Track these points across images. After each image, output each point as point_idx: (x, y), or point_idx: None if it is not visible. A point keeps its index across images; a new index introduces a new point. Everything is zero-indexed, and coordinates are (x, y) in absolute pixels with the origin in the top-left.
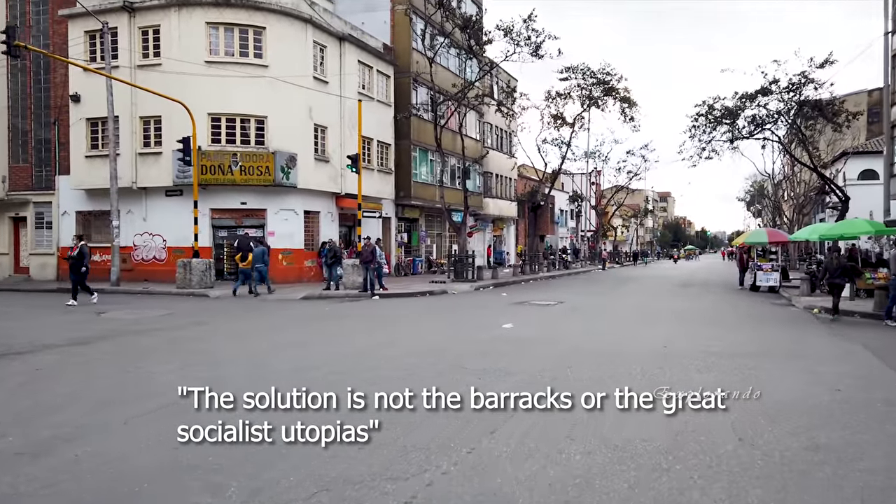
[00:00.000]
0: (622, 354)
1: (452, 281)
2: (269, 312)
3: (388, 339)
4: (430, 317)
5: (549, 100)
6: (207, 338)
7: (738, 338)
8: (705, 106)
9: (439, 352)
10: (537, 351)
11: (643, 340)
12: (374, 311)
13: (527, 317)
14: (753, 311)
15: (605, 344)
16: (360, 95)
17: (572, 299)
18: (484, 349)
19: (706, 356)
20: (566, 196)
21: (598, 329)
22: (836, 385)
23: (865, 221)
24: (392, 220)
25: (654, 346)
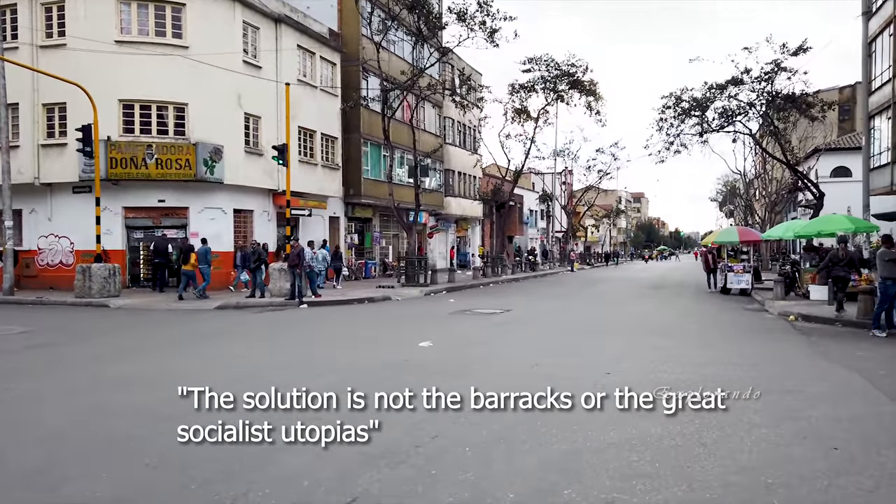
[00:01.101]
0: (543, 393)
1: (403, 285)
2: (159, 327)
3: (250, 368)
4: (342, 331)
5: (512, 93)
6: (19, 369)
7: (702, 357)
8: (673, 98)
9: (311, 378)
10: (429, 387)
11: (583, 365)
12: (282, 324)
13: (457, 331)
14: (723, 319)
15: (529, 375)
16: (301, 83)
17: (523, 306)
18: (365, 382)
19: (655, 388)
20: (536, 196)
21: (535, 347)
22: (830, 436)
23: (844, 217)
24: (341, 220)
25: (596, 373)
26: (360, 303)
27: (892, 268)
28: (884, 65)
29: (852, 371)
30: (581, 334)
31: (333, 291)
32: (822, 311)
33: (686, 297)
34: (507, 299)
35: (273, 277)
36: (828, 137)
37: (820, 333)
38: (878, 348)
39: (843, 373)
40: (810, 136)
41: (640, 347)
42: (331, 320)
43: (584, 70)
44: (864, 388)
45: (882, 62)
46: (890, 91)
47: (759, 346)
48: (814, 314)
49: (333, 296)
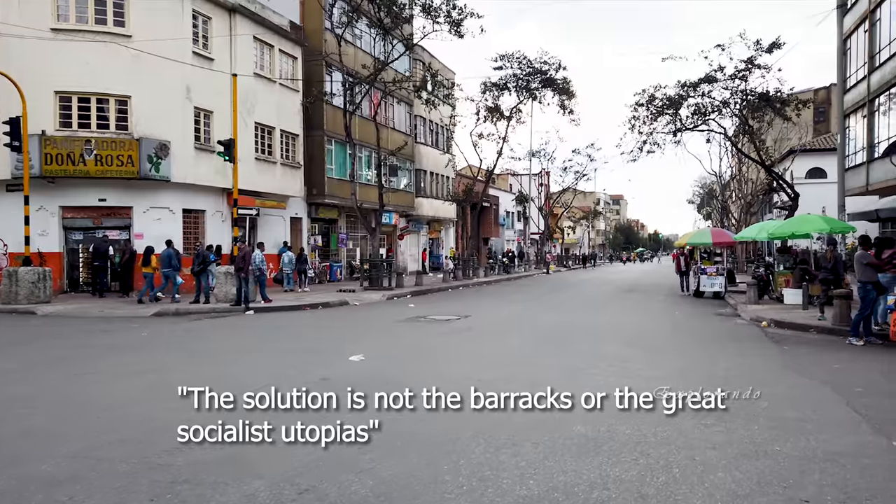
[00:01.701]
0: (472, 432)
1: (365, 289)
2: (74, 337)
3: (134, 391)
4: (274, 342)
5: (485, 91)
6: None
7: (663, 370)
8: (646, 95)
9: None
10: (328, 420)
11: (529, 383)
12: (214, 334)
13: (403, 341)
14: (691, 325)
15: (455, 405)
16: (258, 77)
17: (485, 312)
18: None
19: (595, 422)
20: (512, 197)
21: (481, 361)
22: (799, 483)
23: (819, 217)
24: (303, 221)
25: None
26: (312, 308)
27: (871, 271)
28: (858, 62)
29: (827, 387)
30: (538, 344)
31: (286, 296)
32: (796, 317)
33: (658, 300)
34: (470, 304)
35: (219, 282)
36: (803, 139)
37: (793, 342)
38: (854, 359)
39: (818, 391)
40: (786, 138)
41: (597, 360)
42: (269, 329)
43: (558, 68)
44: (841, 413)
45: (857, 60)
46: (865, 89)
47: (726, 358)
48: (787, 320)
49: (285, 301)
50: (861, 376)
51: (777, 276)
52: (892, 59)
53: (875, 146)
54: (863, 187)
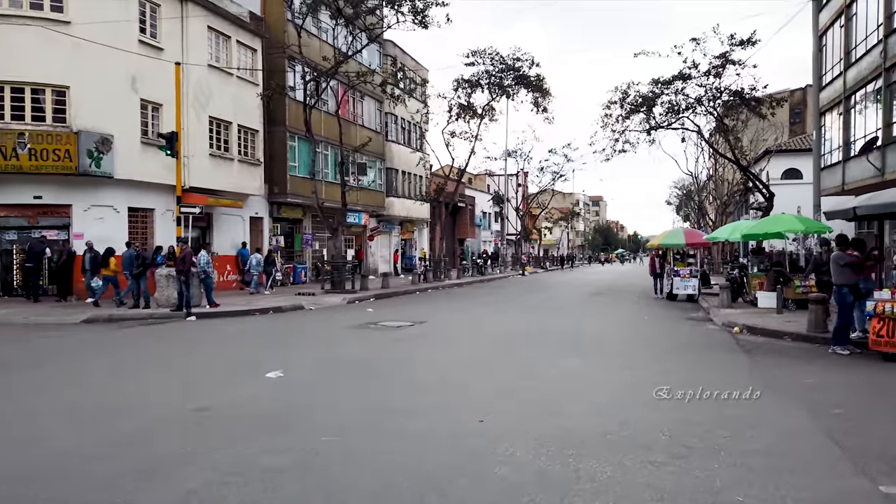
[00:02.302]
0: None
1: (327, 292)
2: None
3: None
4: (199, 354)
5: (457, 88)
6: None
7: (616, 386)
8: (619, 92)
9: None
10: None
11: (458, 405)
12: (135, 344)
13: (340, 353)
14: (659, 331)
15: (368, 430)
16: (213, 69)
17: (442, 318)
18: (90, 456)
19: (529, 448)
20: (489, 198)
21: (415, 378)
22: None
23: (794, 217)
24: (265, 221)
25: (468, 419)
26: (263, 313)
27: (848, 273)
28: (834, 58)
29: (801, 409)
30: (486, 356)
31: (237, 300)
32: (770, 322)
33: (629, 303)
34: (433, 308)
35: (160, 285)
36: (779, 139)
37: (766, 350)
38: (830, 372)
39: (791, 414)
40: (762, 139)
41: (546, 374)
42: (198, 338)
43: (531, 64)
44: (817, 443)
45: (832, 56)
46: (840, 86)
47: (690, 371)
48: (760, 325)
49: (235, 305)
50: (839, 393)
51: (751, 279)
52: (869, 55)
53: (851, 144)
54: (838, 187)
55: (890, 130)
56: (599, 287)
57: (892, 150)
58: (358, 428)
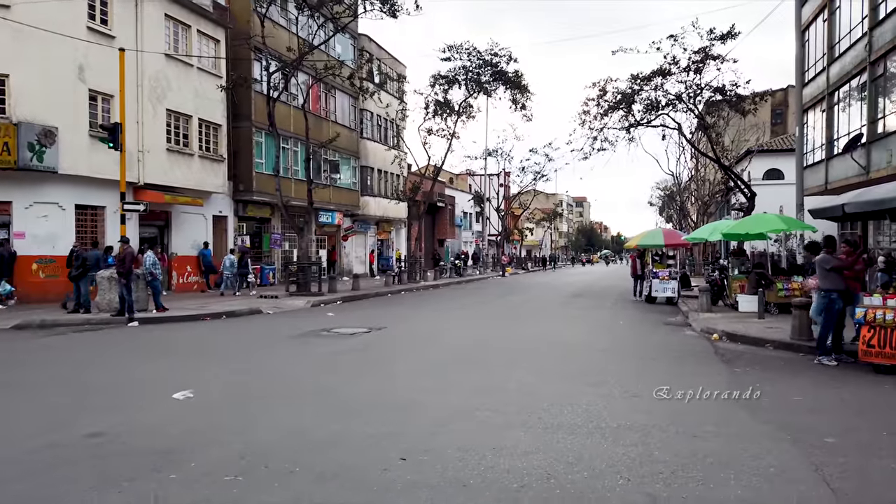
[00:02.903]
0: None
1: (291, 294)
2: None
3: None
4: (116, 368)
5: (433, 85)
6: None
7: (573, 407)
8: (597, 89)
9: None
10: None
11: (383, 435)
12: (42, 357)
13: (270, 366)
14: (632, 339)
15: (260, 475)
16: (171, 60)
17: (403, 324)
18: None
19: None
20: (469, 198)
21: (346, 399)
22: None
23: (776, 216)
24: (229, 220)
25: (386, 457)
26: (215, 318)
27: (835, 277)
28: (817, 54)
29: (786, 438)
30: (435, 371)
31: (190, 304)
32: (752, 328)
33: (606, 307)
34: (397, 312)
35: (101, 288)
36: (760, 140)
37: (747, 360)
38: (819, 387)
39: (775, 445)
40: (743, 139)
41: (500, 394)
42: (127, 347)
43: (508, 60)
44: (808, 487)
45: (816, 51)
46: (824, 82)
47: (659, 386)
48: (741, 332)
49: (185, 309)
50: (830, 416)
51: (731, 281)
52: (853, 49)
53: (835, 142)
54: (821, 186)
55: (875, 127)
56: (579, 289)
57: (876, 148)
58: (264, 464)
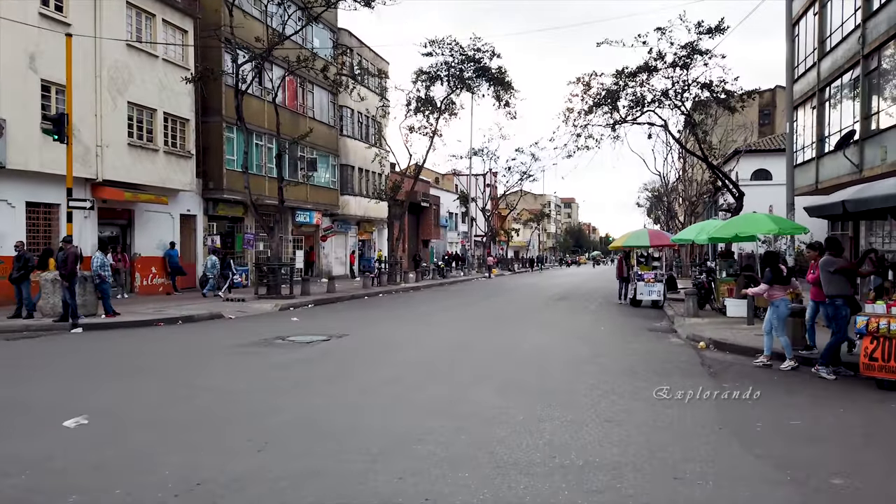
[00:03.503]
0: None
1: (260, 297)
2: None
3: None
4: (11, 383)
5: (416, 81)
6: None
7: (532, 432)
8: (581, 84)
9: None
10: None
11: (308, 472)
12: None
13: (192, 385)
14: (613, 347)
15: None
16: (133, 49)
17: (370, 330)
18: None
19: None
20: (454, 197)
21: (269, 431)
22: None
23: (766, 217)
24: (198, 219)
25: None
26: (170, 323)
27: (841, 281)
28: (807, 49)
29: (785, 477)
30: (392, 385)
31: (144, 309)
32: (741, 336)
33: (590, 311)
34: (369, 317)
35: (45, 291)
36: (748, 140)
37: (737, 374)
38: (819, 408)
39: (771, 487)
40: (731, 140)
41: (450, 419)
42: (51, 359)
43: (492, 55)
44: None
45: (806, 46)
46: (814, 77)
47: (636, 410)
48: (730, 340)
49: (140, 314)
50: (835, 447)
51: (719, 285)
52: (845, 42)
53: (826, 139)
54: (811, 185)
55: (868, 123)
56: (564, 291)
57: (870, 145)
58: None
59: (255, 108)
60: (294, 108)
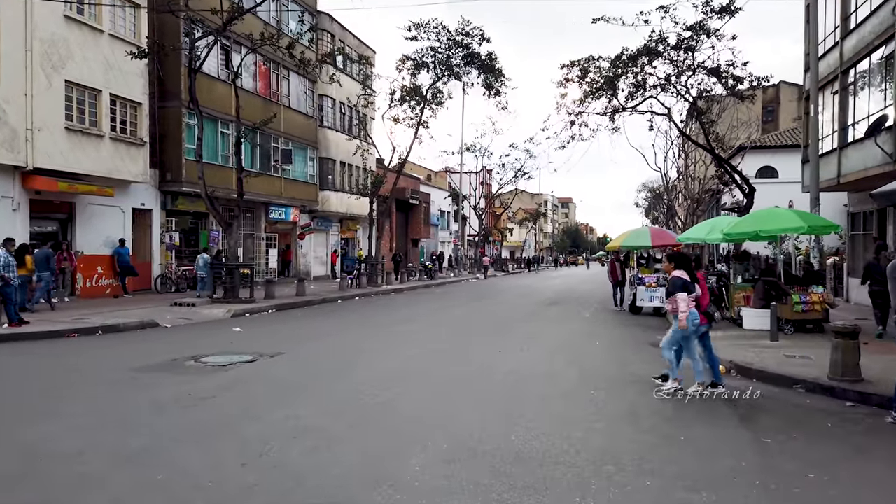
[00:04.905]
0: None
1: (213, 301)
2: None
3: None
4: None
5: (399, 69)
6: None
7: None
8: (576, 69)
9: None
10: None
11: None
12: None
13: (72, 420)
14: (608, 371)
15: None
16: (73, 23)
17: (312, 347)
18: None
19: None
20: (445, 195)
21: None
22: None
23: (793, 212)
24: (154, 214)
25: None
26: (87, 334)
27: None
28: (827, 28)
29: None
30: (298, 442)
31: (67, 316)
32: (768, 359)
33: (583, 318)
34: (324, 327)
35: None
36: (751, 137)
37: (775, 416)
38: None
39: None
40: (734, 137)
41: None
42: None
43: (481, 40)
44: None
45: (825, 25)
46: (836, 59)
47: (652, 490)
48: (756, 365)
49: (56, 322)
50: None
51: (733, 291)
52: (875, 16)
53: (852, 126)
54: (832, 180)
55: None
56: (557, 294)
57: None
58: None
59: (220, 92)
60: (267, 96)
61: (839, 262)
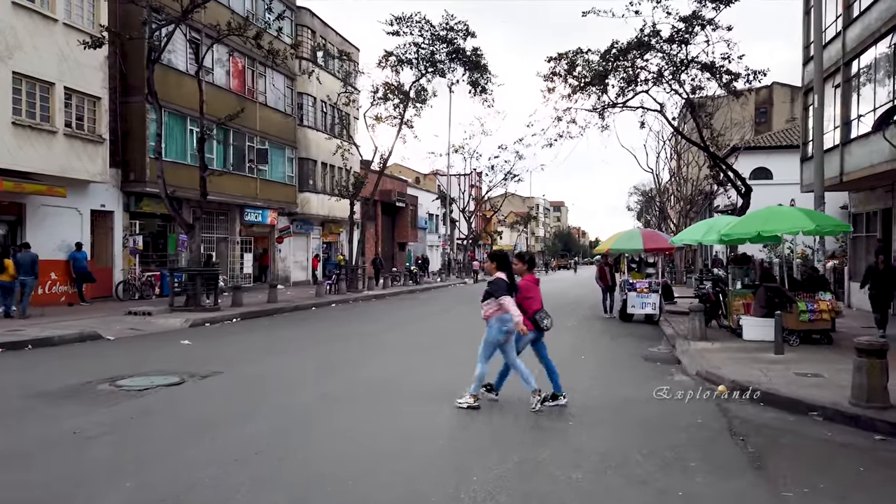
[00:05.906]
0: None
1: (173, 309)
2: None
3: None
4: None
5: (382, 65)
6: None
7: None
8: (564, 62)
9: None
10: None
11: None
12: None
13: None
14: (597, 396)
15: None
16: (21, 10)
17: (257, 366)
18: None
19: None
20: (433, 197)
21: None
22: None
23: (800, 211)
24: (116, 216)
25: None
26: (15, 349)
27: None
28: (828, 17)
29: None
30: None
31: (4, 328)
32: (776, 377)
33: (569, 327)
34: (280, 340)
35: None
36: (744, 138)
37: (794, 457)
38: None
39: None
40: (727, 138)
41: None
42: None
43: (466, 35)
44: None
45: (826, 14)
46: (838, 50)
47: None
48: (763, 386)
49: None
50: None
51: (731, 298)
52: (881, 2)
53: (855, 121)
54: (835, 178)
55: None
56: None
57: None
58: None
59: (189, 88)
60: (241, 93)
61: (839, 266)
